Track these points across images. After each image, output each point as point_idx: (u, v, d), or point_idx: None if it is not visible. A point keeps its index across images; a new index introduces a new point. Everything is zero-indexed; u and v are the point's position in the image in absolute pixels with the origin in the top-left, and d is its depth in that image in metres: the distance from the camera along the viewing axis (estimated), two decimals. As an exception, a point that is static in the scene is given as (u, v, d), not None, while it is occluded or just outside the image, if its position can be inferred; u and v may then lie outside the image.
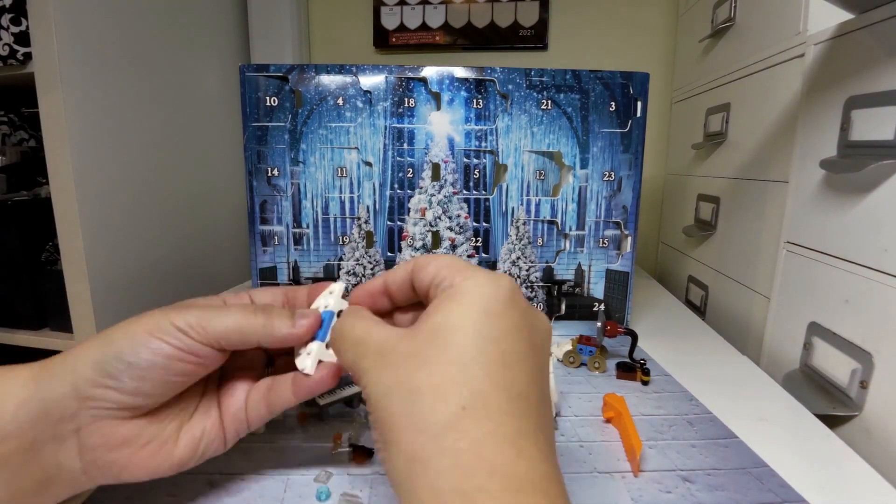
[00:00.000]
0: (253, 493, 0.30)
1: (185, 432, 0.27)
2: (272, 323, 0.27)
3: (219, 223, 1.00)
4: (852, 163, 0.45)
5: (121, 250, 0.76)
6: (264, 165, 0.55)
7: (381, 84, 0.55)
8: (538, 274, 0.58)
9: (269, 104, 0.54)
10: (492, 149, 0.56)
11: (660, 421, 0.39)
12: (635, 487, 0.31)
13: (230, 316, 0.26)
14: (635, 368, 0.46)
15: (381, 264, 0.58)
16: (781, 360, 0.57)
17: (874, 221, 0.44)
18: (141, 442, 0.25)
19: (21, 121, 0.96)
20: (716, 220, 0.77)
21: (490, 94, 0.55)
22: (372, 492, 0.30)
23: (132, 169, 0.78)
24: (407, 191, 0.57)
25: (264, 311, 0.27)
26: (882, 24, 0.43)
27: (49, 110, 0.66)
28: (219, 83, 0.99)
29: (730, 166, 0.73)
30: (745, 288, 0.67)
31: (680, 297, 0.84)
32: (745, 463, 0.33)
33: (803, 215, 0.54)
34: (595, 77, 0.55)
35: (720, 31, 0.77)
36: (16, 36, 0.65)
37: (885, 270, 0.42)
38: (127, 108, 0.77)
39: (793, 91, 0.57)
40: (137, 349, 0.24)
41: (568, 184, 0.57)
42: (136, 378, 0.24)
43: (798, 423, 0.40)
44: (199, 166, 0.95)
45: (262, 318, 0.26)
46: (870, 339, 0.44)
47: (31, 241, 0.76)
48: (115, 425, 0.25)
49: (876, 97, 0.43)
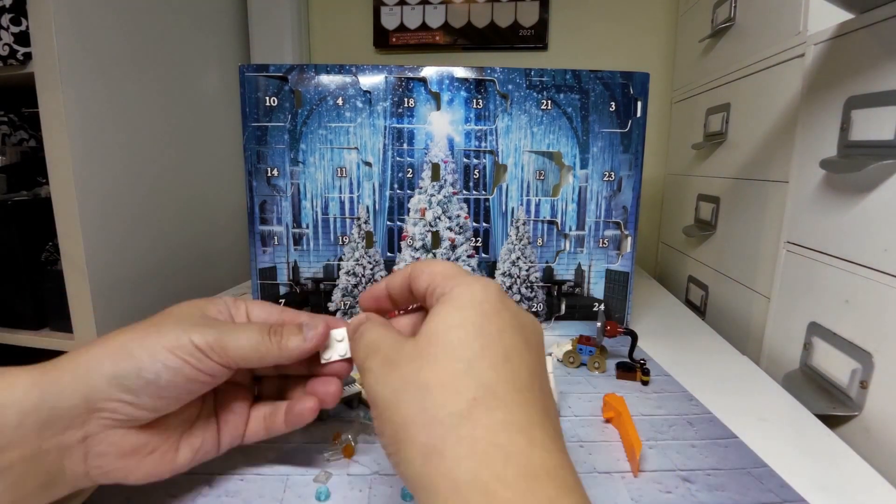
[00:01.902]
0: (253, 493, 0.30)
1: (185, 441, 0.28)
2: (286, 344, 0.28)
3: (218, 223, 1.00)
4: (852, 163, 0.45)
5: (121, 250, 0.76)
6: (264, 165, 0.55)
7: (381, 84, 0.54)
8: (538, 274, 0.58)
9: (269, 104, 0.54)
10: (492, 149, 0.56)
11: (660, 421, 0.39)
12: (635, 487, 0.31)
13: (246, 338, 0.27)
14: (635, 368, 0.46)
15: (381, 264, 0.58)
16: (781, 360, 0.57)
17: (874, 221, 0.44)
18: (147, 450, 0.26)
19: (21, 121, 0.96)
20: (716, 220, 0.77)
21: (490, 94, 0.55)
22: (372, 492, 0.30)
23: (132, 169, 0.78)
24: (407, 191, 0.57)
25: (275, 333, 0.28)
26: (882, 24, 0.43)
27: (49, 110, 0.66)
28: (219, 83, 0.99)
29: (730, 166, 0.73)
30: (745, 288, 0.67)
31: (680, 297, 0.84)
32: (745, 463, 0.33)
33: (803, 215, 0.54)
34: (595, 77, 0.55)
35: (720, 31, 0.77)
36: (16, 36, 0.65)
37: (885, 270, 0.42)
38: (127, 108, 0.77)
39: (793, 91, 0.57)
40: (158, 368, 0.24)
41: (568, 184, 0.57)
42: (153, 395, 0.25)
43: (798, 423, 0.40)
44: (199, 166, 0.95)
45: (277, 340, 0.28)
46: (870, 339, 0.44)
47: (31, 241, 0.76)
48: (124, 435, 0.25)
49: (876, 97, 0.43)
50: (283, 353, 0.27)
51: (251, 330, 0.27)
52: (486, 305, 0.23)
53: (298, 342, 0.28)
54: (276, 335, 0.28)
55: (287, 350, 0.28)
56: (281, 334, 0.28)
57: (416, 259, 0.58)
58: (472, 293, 0.23)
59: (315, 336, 0.28)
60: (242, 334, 0.27)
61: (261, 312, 0.31)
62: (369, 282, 0.58)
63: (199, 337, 0.25)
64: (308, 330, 0.28)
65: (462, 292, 0.23)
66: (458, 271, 0.25)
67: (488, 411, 0.20)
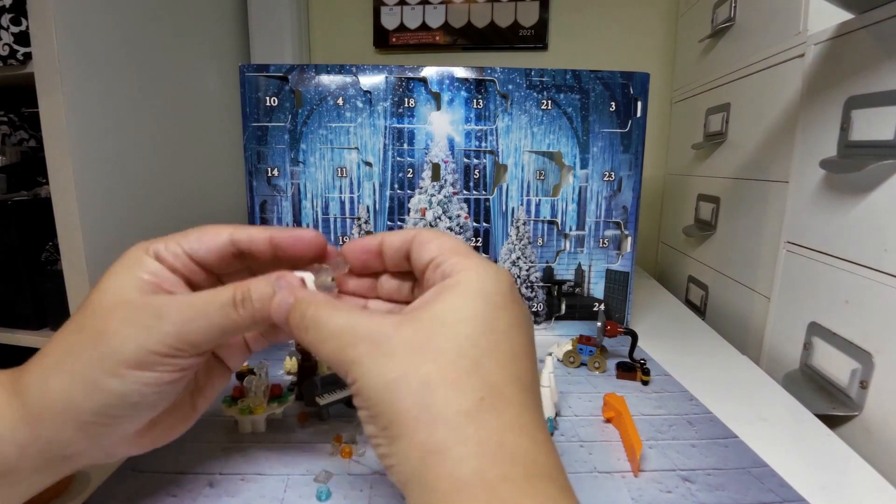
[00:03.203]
0: (253, 493, 0.30)
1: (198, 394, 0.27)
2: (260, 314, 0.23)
3: (219, 223, 1.00)
4: (852, 163, 0.45)
5: (121, 250, 0.75)
6: (264, 165, 0.55)
7: (381, 84, 0.54)
8: (538, 274, 0.58)
9: (269, 104, 0.54)
10: (492, 149, 0.56)
11: (660, 421, 0.39)
12: (635, 487, 0.31)
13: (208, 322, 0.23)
14: (635, 368, 0.46)
15: (381, 264, 0.58)
16: (781, 360, 0.57)
17: (874, 221, 0.44)
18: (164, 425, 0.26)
19: (21, 121, 0.96)
20: (716, 220, 0.77)
21: (490, 94, 0.55)
22: (372, 492, 0.30)
23: (132, 169, 0.78)
24: (407, 191, 0.57)
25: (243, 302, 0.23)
26: (882, 24, 0.43)
27: (49, 110, 0.66)
28: (219, 83, 0.99)
29: (730, 166, 0.73)
30: (745, 288, 0.67)
31: (680, 297, 0.84)
32: (745, 463, 0.33)
33: (803, 215, 0.54)
34: (595, 77, 0.55)
35: (720, 31, 0.77)
36: (16, 36, 0.65)
37: (885, 270, 0.42)
38: (127, 108, 0.77)
39: (793, 91, 0.57)
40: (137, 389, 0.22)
41: (568, 184, 0.57)
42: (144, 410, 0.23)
43: (798, 423, 0.40)
44: (199, 166, 0.95)
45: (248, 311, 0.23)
46: (870, 339, 0.44)
47: (31, 241, 0.76)
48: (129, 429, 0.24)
49: (876, 97, 0.43)
50: (257, 322, 0.23)
51: (210, 306, 0.23)
52: (498, 297, 0.21)
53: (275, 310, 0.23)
54: (245, 305, 0.23)
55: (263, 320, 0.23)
56: (252, 302, 0.23)
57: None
58: (482, 282, 0.21)
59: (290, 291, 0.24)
60: (203, 319, 0.23)
61: (205, 251, 0.26)
62: (369, 282, 0.58)
63: (158, 344, 0.22)
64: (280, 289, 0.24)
65: (472, 278, 0.21)
66: (467, 249, 0.23)
67: (496, 412, 0.19)
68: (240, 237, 0.26)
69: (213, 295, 0.23)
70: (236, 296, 0.23)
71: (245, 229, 0.26)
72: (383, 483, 0.31)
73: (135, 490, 0.29)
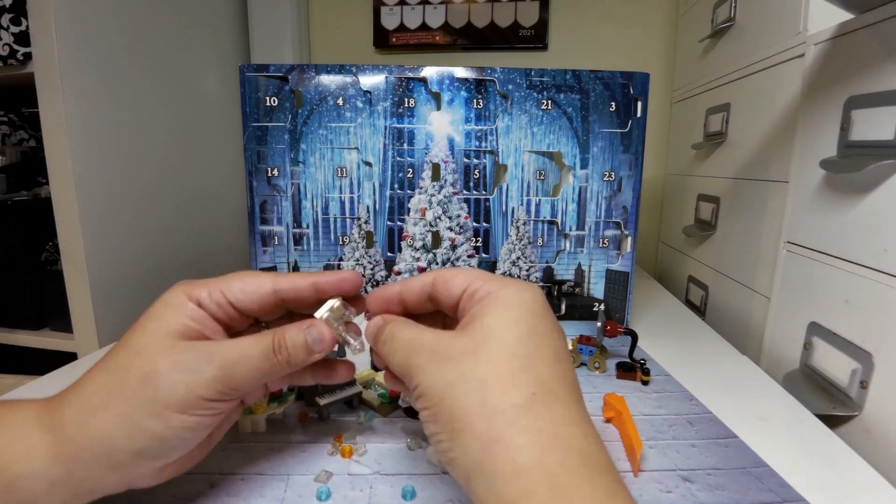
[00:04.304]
0: (253, 493, 0.30)
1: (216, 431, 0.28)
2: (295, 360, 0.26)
3: (219, 223, 1.00)
4: (852, 163, 0.45)
5: (121, 250, 0.76)
6: (264, 165, 0.55)
7: (381, 84, 0.55)
8: (538, 274, 0.58)
9: (269, 104, 0.54)
10: (492, 149, 0.56)
11: (660, 421, 0.39)
12: (635, 487, 0.31)
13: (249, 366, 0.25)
14: (635, 368, 0.46)
15: (381, 264, 0.58)
16: (781, 360, 0.57)
17: (874, 221, 0.44)
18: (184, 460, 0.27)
19: (21, 121, 0.96)
20: (716, 220, 0.77)
21: (490, 94, 0.55)
22: (372, 491, 0.30)
23: (132, 169, 0.78)
24: (407, 191, 0.57)
25: (280, 349, 0.26)
26: (882, 24, 0.43)
27: (49, 110, 0.66)
28: (219, 83, 0.99)
29: (730, 166, 0.73)
30: (745, 288, 0.67)
31: (680, 297, 0.84)
32: (745, 463, 0.33)
33: (803, 215, 0.54)
34: (595, 77, 0.55)
35: (720, 31, 0.77)
36: (16, 36, 0.65)
37: (885, 270, 0.42)
38: (127, 107, 0.77)
39: (793, 91, 0.57)
40: (179, 433, 0.24)
41: (568, 184, 0.57)
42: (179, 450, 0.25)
43: (798, 423, 0.40)
44: (200, 166, 0.95)
45: (283, 357, 0.26)
46: (870, 339, 0.44)
47: (31, 241, 0.76)
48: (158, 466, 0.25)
49: (876, 97, 0.43)
50: (291, 367, 0.27)
51: (253, 351, 0.25)
52: (535, 306, 0.24)
53: (306, 355, 0.27)
54: (280, 352, 0.26)
55: (296, 365, 0.27)
56: (287, 349, 0.26)
57: (417, 259, 0.58)
58: (520, 295, 0.24)
59: (323, 347, 0.27)
60: (244, 364, 0.25)
61: (249, 302, 0.28)
62: (370, 282, 0.58)
63: (206, 389, 0.24)
64: (315, 343, 0.27)
65: (510, 293, 0.24)
66: (496, 276, 0.26)
67: (547, 405, 0.21)
68: (283, 287, 0.28)
69: (255, 341, 0.26)
70: (274, 343, 0.26)
71: (287, 278, 0.28)
72: (384, 483, 0.31)
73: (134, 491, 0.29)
